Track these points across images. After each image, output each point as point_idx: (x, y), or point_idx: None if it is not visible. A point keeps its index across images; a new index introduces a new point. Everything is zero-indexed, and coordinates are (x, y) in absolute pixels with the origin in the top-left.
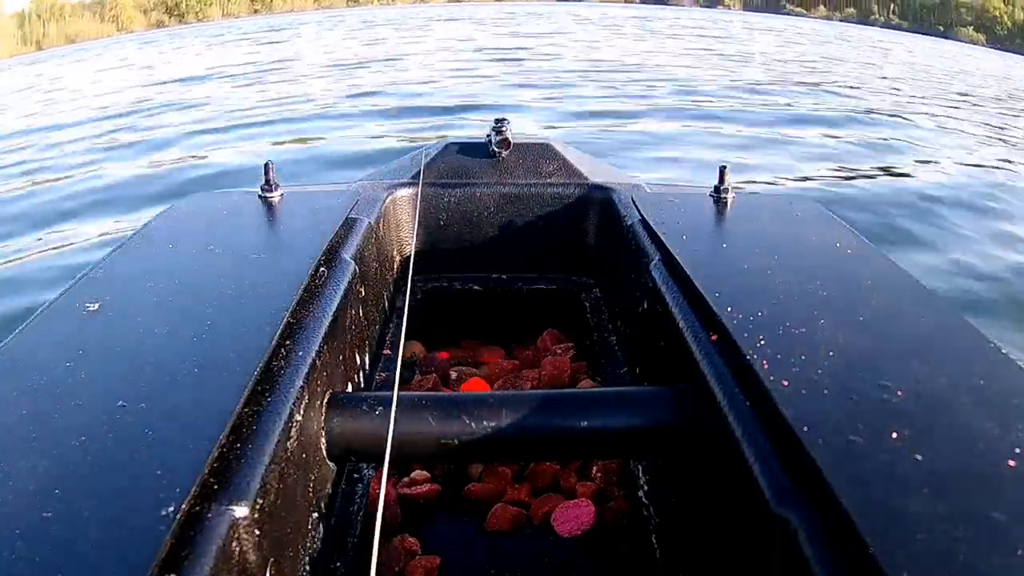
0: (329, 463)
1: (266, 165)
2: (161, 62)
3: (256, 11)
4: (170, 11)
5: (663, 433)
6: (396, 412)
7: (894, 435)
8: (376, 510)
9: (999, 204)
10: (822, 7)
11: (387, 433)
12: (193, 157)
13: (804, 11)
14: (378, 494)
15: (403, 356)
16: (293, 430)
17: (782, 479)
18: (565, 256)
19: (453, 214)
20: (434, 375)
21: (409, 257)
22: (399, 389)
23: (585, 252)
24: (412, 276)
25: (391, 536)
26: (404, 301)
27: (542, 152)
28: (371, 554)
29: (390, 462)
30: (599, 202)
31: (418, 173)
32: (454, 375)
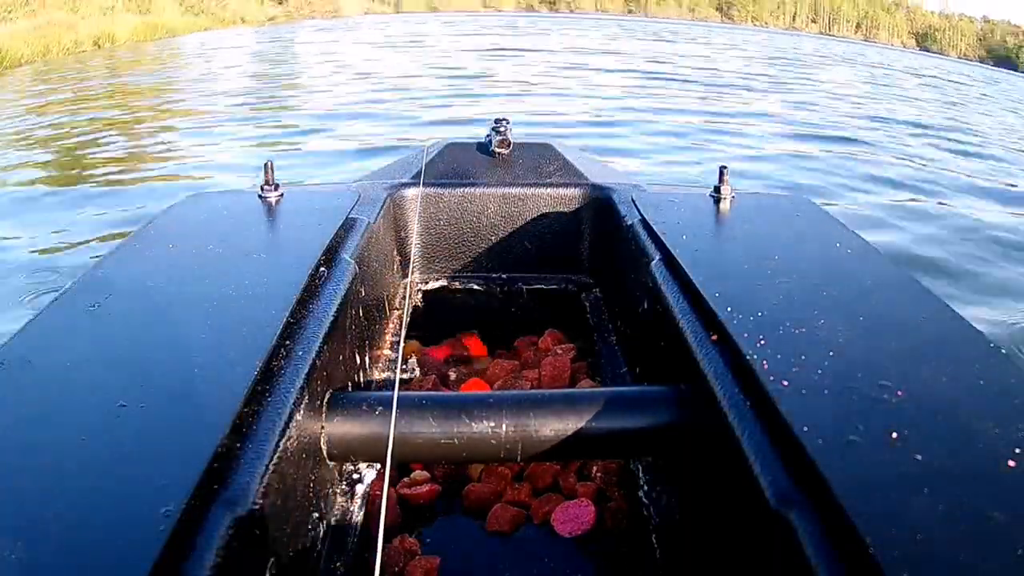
0: (329, 463)
1: (266, 164)
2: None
3: (630, 11)
4: None
5: (663, 433)
6: (396, 412)
7: (894, 435)
8: (376, 510)
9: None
10: None
11: (387, 433)
12: (192, 156)
13: None
14: (378, 494)
15: (403, 356)
16: (293, 430)
17: (782, 479)
18: (565, 256)
19: (453, 214)
20: (434, 375)
21: (409, 257)
22: (399, 389)
23: (585, 252)
24: (412, 276)
25: (391, 536)
26: (404, 301)
27: (542, 152)
28: (372, 554)
29: (395, 461)
30: (599, 202)
31: (418, 173)
32: (454, 375)
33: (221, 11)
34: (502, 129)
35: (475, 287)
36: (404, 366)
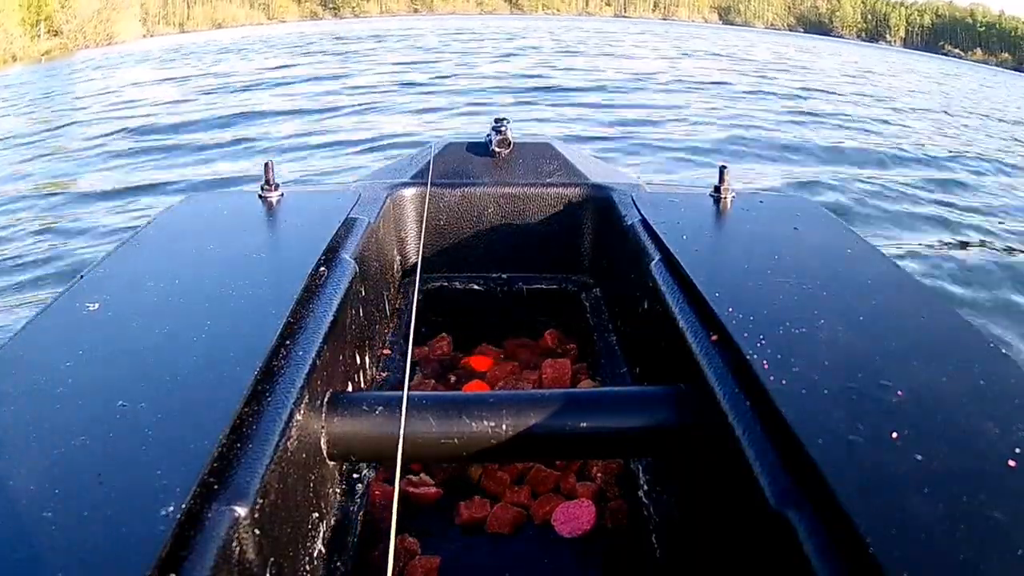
0: (329, 463)
1: (266, 165)
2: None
3: (416, 10)
4: (325, 3)
5: (663, 433)
6: (398, 412)
7: (894, 435)
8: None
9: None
10: (979, 51)
11: (387, 433)
12: (193, 157)
13: (962, 54)
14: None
15: (403, 356)
16: (293, 430)
17: (782, 479)
18: (565, 256)
19: (453, 214)
20: (434, 376)
21: (409, 257)
22: (399, 389)
23: (585, 252)
24: (412, 276)
25: None
26: (404, 301)
27: (542, 152)
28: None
29: (401, 461)
30: (599, 202)
31: (418, 173)
32: (454, 376)
33: None
34: (502, 129)
35: (475, 287)
36: (404, 366)
